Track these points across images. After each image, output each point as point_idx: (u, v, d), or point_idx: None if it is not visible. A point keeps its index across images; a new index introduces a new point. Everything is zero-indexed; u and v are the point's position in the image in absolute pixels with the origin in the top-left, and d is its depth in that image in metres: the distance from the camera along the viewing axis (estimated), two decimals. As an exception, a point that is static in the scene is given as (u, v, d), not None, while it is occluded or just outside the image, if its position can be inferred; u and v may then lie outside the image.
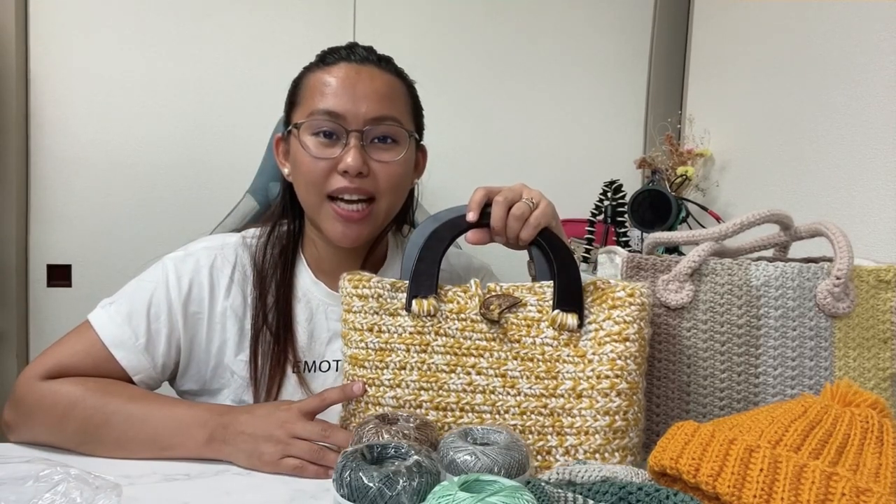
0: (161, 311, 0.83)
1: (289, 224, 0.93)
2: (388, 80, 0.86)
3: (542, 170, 2.04)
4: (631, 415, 0.66)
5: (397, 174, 0.85)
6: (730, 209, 1.78)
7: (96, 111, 1.81)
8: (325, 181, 0.82)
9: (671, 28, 2.06)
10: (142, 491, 0.65)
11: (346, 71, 0.84)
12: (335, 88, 0.82)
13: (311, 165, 0.82)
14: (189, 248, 0.89)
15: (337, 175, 0.82)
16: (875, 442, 0.53)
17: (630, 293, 0.68)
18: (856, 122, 1.33)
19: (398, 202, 0.89)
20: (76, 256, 1.82)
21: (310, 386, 0.86)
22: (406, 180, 0.89)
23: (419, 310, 0.70)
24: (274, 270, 0.88)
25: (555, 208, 0.77)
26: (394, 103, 0.85)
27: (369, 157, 0.82)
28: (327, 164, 0.82)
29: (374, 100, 0.82)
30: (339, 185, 0.82)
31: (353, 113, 0.81)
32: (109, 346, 0.80)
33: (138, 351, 0.81)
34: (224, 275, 0.87)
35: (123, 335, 0.81)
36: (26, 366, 0.80)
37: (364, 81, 0.83)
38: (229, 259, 0.88)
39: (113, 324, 0.81)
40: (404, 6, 1.95)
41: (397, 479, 0.50)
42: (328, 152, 0.82)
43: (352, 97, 0.82)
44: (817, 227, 0.75)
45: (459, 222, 0.75)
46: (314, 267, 0.91)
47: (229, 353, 0.86)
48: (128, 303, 0.83)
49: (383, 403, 0.69)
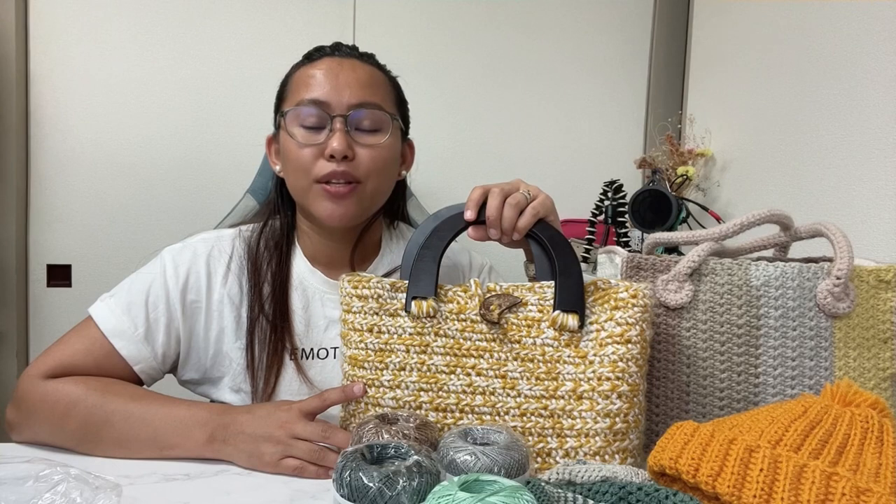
0: (159, 301, 0.85)
1: (281, 218, 0.95)
2: (370, 70, 0.89)
3: (541, 170, 2.04)
4: (631, 417, 0.66)
5: (382, 157, 0.87)
6: (730, 209, 1.77)
7: (96, 111, 1.81)
8: (312, 166, 0.85)
9: (671, 28, 2.06)
10: (142, 491, 0.65)
11: (328, 64, 0.87)
12: (319, 80, 0.86)
13: (299, 152, 0.85)
14: (186, 240, 0.92)
15: (323, 160, 0.84)
16: (875, 442, 0.53)
17: (633, 294, 0.68)
18: (856, 122, 1.33)
19: (384, 187, 0.91)
20: (76, 256, 1.82)
21: (307, 373, 0.88)
22: (391, 166, 0.91)
23: (418, 311, 0.70)
24: (269, 260, 0.91)
25: (553, 202, 0.78)
26: (375, 91, 0.88)
27: (354, 141, 0.85)
28: (314, 150, 0.85)
29: (356, 87, 0.86)
30: (327, 171, 0.84)
31: (336, 100, 0.85)
32: (109, 336, 0.81)
33: (138, 340, 0.83)
34: (221, 264, 0.89)
35: (123, 325, 0.82)
36: (25, 366, 0.80)
37: (346, 71, 0.87)
38: (226, 250, 0.90)
39: (112, 315, 0.83)
40: (404, 6, 1.95)
41: (397, 479, 0.50)
42: (314, 139, 0.85)
43: (335, 86, 0.85)
44: (817, 228, 0.75)
45: (458, 220, 0.75)
46: (309, 257, 0.93)
47: (227, 340, 0.88)
48: (126, 294, 0.85)
49: (383, 404, 0.69)
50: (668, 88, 2.07)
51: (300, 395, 0.86)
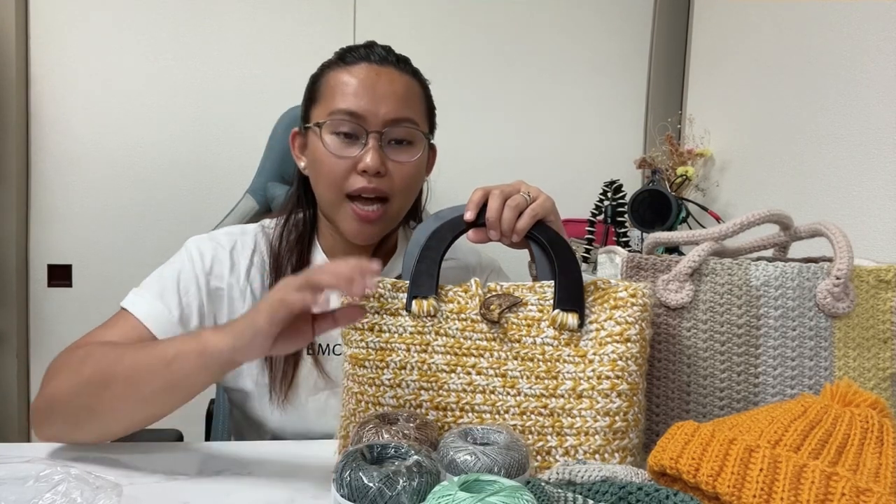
0: (190, 286, 0.86)
1: (304, 213, 0.95)
2: (406, 81, 0.88)
3: (542, 170, 2.04)
4: (631, 416, 0.66)
5: (411, 175, 0.88)
6: (730, 209, 1.78)
7: (96, 111, 1.81)
8: (344, 180, 0.85)
9: (671, 28, 2.06)
10: (142, 491, 0.65)
11: (366, 72, 0.86)
12: (356, 89, 0.85)
13: (332, 164, 0.85)
14: (210, 233, 0.93)
15: (356, 175, 0.85)
16: (875, 442, 0.53)
17: (632, 293, 0.68)
18: (856, 122, 1.33)
19: (410, 202, 0.92)
20: (76, 256, 1.82)
21: (325, 368, 0.89)
22: (419, 180, 0.93)
23: (419, 310, 0.70)
24: (290, 255, 0.91)
25: (554, 203, 0.77)
26: (411, 105, 0.88)
27: (387, 157, 0.85)
28: (347, 164, 0.85)
29: (392, 101, 0.85)
30: (359, 186, 0.84)
31: (372, 114, 0.84)
32: (145, 320, 0.82)
33: (174, 324, 0.83)
34: (244, 257, 0.90)
35: (157, 310, 0.83)
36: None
37: (384, 83, 0.85)
38: (248, 244, 0.92)
39: (146, 303, 0.83)
40: (405, 6, 1.95)
41: (397, 479, 0.50)
42: (348, 151, 0.85)
43: (372, 98, 0.84)
44: (817, 227, 0.75)
45: (459, 222, 0.75)
46: (329, 254, 0.94)
47: None
48: (158, 283, 0.85)
49: (383, 403, 0.69)
50: (668, 88, 2.07)
51: (317, 388, 0.89)
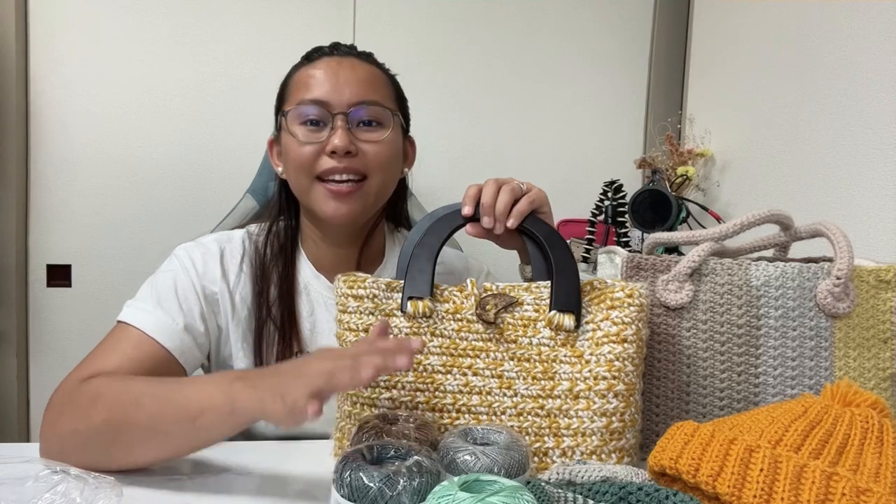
0: (188, 292, 0.85)
1: (286, 221, 0.95)
2: (369, 68, 0.90)
3: (541, 169, 2.04)
4: (628, 416, 0.66)
5: (385, 153, 0.87)
6: (730, 209, 1.77)
7: (96, 111, 1.81)
8: (313, 163, 0.85)
9: (671, 28, 2.06)
10: (142, 491, 0.65)
11: (328, 63, 0.88)
12: (319, 79, 0.86)
13: (300, 150, 0.85)
14: (197, 239, 0.92)
15: (325, 157, 0.85)
16: (875, 442, 0.53)
17: (629, 294, 0.68)
18: (856, 122, 1.33)
19: (388, 183, 0.91)
20: (76, 256, 1.82)
21: None
22: (395, 161, 0.91)
23: (414, 311, 0.69)
24: (275, 264, 0.91)
25: (546, 196, 0.78)
26: (375, 88, 0.88)
27: (356, 138, 0.85)
28: (315, 148, 0.85)
29: (355, 85, 0.86)
30: (328, 166, 0.84)
31: (336, 99, 0.85)
32: (150, 332, 0.78)
33: (179, 332, 0.81)
34: (234, 264, 0.90)
35: (162, 321, 0.80)
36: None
37: (346, 70, 0.87)
38: (237, 251, 0.91)
39: (147, 314, 0.80)
40: (404, 6, 1.95)
41: (397, 479, 0.50)
42: (316, 137, 0.85)
43: (335, 85, 0.85)
44: (817, 227, 0.75)
45: (455, 218, 0.75)
46: (314, 263, 0.93)
47: (239, 338, 0.88)
48: (153, 294, 0.83)
49: (379, 405, 0.69)
50: (668, 88, 2.07)
51: None
